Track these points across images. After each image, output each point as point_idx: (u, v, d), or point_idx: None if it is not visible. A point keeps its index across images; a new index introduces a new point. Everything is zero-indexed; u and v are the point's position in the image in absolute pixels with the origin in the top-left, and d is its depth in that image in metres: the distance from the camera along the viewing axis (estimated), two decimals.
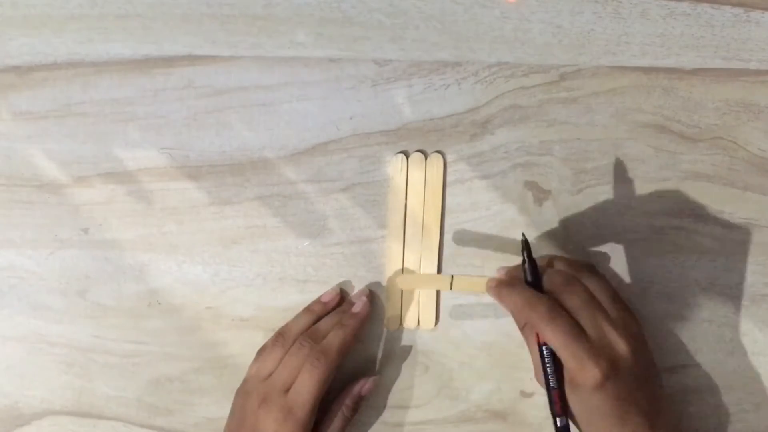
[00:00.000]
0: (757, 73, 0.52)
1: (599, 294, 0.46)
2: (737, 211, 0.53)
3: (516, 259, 0.52)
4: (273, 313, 0.53)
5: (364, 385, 0.52)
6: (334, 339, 0.49)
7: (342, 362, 0.49)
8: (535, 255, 0.48)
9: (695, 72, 0.52)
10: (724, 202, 0.53)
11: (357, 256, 0.53)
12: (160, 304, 0.53)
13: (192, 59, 0.52)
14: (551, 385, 0.45)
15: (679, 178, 0.53)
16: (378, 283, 0.53)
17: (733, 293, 0.53)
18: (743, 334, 0.53)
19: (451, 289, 0.53)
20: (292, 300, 0.53)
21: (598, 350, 0.43)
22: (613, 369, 0.43)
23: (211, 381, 0.53)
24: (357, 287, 0.53)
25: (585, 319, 0.44)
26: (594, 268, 0.51)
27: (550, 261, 0.50)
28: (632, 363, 0.44)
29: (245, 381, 0.50)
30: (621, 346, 0.44)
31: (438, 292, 0.53)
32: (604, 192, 0.53)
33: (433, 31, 0.52)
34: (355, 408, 0.51)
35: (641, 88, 0.52)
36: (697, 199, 0.53)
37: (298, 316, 0.52)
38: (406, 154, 0.52)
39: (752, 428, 0.54)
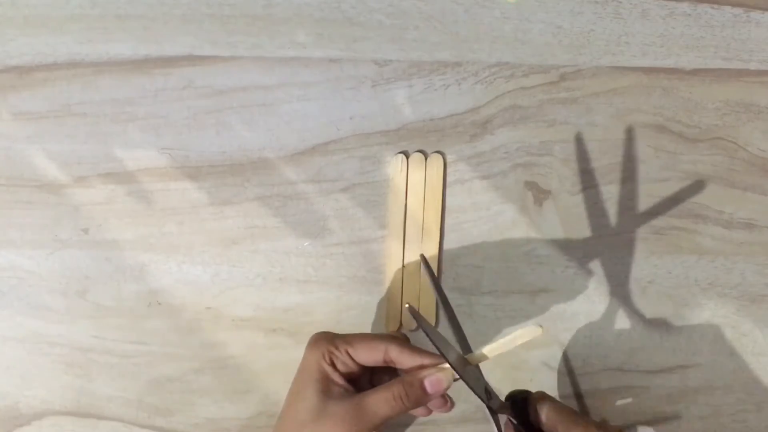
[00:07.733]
0: (757, 73, 0.52)
1: None
2: (737, 211, 0.53)
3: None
4: (273, 313, 0.53)
5: (429, 377, 0.43)
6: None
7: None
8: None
9: (695, 72, 0.52)
10: (724, 202, 0.53)
11: (357, 256, 0.53)
12: (160, 304, 0.53)
13: (192, 59, 0.52)
14: None
15: (679, 178, 0.53)
16: (378, 283, 0.53)
17: (733, 293, 0.53)
18: (743, 334, 0.53)
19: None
20: (292, 300, 0.53)
21: None
22: None
23: (211, 381, 0.53)
24: (357, 287, 0.53)
25: None
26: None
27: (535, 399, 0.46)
28: None
29: None
30: None
31: (438, 294, 0.53)
32: (604, 192, 0.53)
33: (433, 31, 0.52)
34: (411, 403, 0.43)
35: (641, 89, 0.52)
36: (697, 199, 0.53)
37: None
38: (406, 154, 0.52)
39: (752, 429, 0.54)
